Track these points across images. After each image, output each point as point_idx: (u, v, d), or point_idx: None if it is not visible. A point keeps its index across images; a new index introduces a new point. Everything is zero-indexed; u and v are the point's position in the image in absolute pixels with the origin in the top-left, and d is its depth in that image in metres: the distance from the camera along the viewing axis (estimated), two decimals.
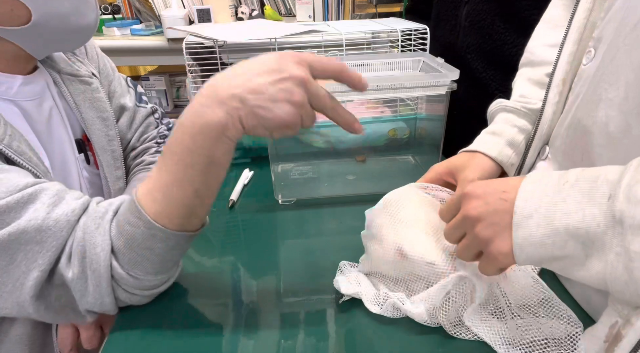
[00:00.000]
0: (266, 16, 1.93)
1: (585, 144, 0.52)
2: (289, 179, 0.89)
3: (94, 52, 0.79)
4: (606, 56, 0.50)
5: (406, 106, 0.99)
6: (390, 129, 0.95)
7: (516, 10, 0.87)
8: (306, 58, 0.47)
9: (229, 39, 0.91)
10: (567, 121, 0.56)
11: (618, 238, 0.37)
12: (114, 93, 0.80)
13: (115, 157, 0.76)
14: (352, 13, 2.00)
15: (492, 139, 0.67)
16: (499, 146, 0.66)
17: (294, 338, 0.52)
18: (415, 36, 0.97)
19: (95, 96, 0.73)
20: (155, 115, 0.86)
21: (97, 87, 0.74)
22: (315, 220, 0.78)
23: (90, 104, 0.73)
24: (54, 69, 0.70)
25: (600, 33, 0.54)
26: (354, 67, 0.86)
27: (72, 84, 0.71)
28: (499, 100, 0.71)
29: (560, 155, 0.58)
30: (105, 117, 0.74)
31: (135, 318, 0.56)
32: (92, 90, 0.73)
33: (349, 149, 0.94)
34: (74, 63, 0.73)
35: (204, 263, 0.67)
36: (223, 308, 0.58)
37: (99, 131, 0.73)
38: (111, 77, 0.81)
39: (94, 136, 0.72)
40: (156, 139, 0.84)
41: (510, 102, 0.69)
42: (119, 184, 0.77)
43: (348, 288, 0.56)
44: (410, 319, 0.53)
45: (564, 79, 0.60)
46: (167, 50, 1.75)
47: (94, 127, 0.72)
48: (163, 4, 1.88)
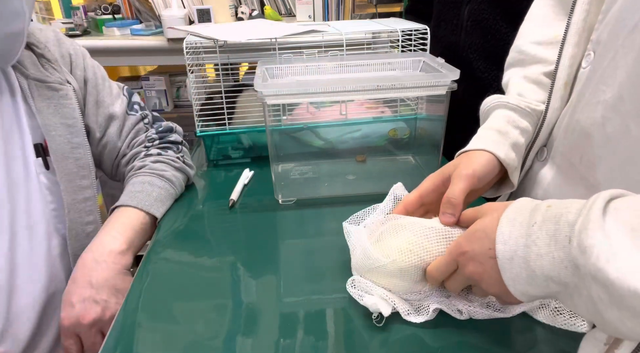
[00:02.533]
0: (266, 16, 1.93)
1: (583, 145, 0.52)
2: (289, 179, 0.89)
3: (80, 61, 0.79)
4: (603, 58, 0.50)
5: (406, 106, 0.99)
6: (390, 129, 0.95)
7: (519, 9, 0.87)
8: None
9: (229, 39, 0.91)
10: (565, 123, 0.56)
11: (581, 282, 0.37)
12: (102, 103, 0.80)
13: (80, 165, 0.74)
14: (352, 13, 2.00)
15: (498, 137, 0.62)
16: (505, 147, 0.61)
17: (294, 338, 0.52)
18: (416, 36, 0.97)
19: (62, 102, 0.73)
20: (144, 121, 0.85)
21: (67, 94, 0.74)
22: (315, 220, 0.78)
23: (55, 109, 0.72)
24: (22, 74, 0.71)
25: (599, 36, 0.54)
26: (354, 67, 0.86)
27: (38, 89, 0.71)
28: (497, 95, 0.66)
29: (559, 157, 0.58)
30: (70, 124, 0.74)
31: (134, 317, 0.56)
32: (60, 96, 0.73)
33: (349, 149, 0.94)
34: (47, 69, 0.73)
35: (204, 263, 0.67)
36: (223, 308, 0.58)
37: (60, 137, 0.72)
38: (100, 86, 0.80)
39: (53, 142, 0.71)
40: (144, 144, 0.84)
41: (512, 98, 0.64)
42: (85, 194, 0.75)
43: (386, 307, 0.53)
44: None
45: (566, 83, 0.59)
46: (167, 50, 1.74)
47: (54, 132, 0.72)
48: (163, 4, 1.87)
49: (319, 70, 0.85)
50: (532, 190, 0.63)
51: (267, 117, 0.77)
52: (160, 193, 0.78)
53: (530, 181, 0.63)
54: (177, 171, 0.83)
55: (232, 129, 0.94)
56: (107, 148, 0.82)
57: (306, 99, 0.83)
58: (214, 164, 0.99)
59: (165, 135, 0.86)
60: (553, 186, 0.59)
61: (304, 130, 0.94)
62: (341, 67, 0.86)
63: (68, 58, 0.77)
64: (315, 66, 0.85)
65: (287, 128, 0.94)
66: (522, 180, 0.66)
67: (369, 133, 0.94)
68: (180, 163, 0.85)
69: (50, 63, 0.74)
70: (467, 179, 0.57)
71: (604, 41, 0.52)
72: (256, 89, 0.71)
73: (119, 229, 0.71)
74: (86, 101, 0.78)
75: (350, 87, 0.73)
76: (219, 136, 0.95)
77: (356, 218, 0.66)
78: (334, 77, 0.85)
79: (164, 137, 0.86)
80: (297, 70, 0.85)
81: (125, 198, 0.76)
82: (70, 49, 0.78)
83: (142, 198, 0.76)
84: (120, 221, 0.73)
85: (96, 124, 0.79)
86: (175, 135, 0.88)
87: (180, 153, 0.87)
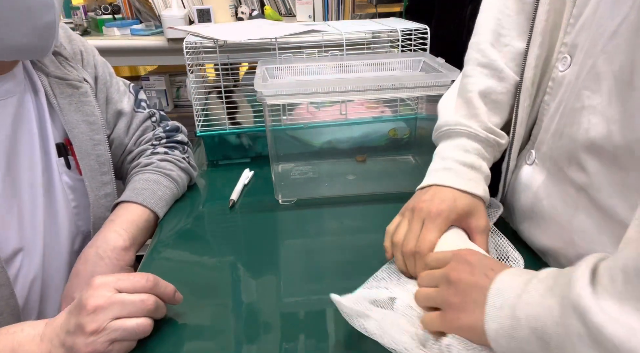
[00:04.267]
0: (266, 16, 1.93)
1: (570, 150, 0.53)
2: (289, 179, 0.89)
3: (91, 59, 0.79)
4: (585, 64, 0.51)
5: (406, 106, 0.99)
6: (391, 129, 0.95)
7: None
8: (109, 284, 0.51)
9: (229, 39, 0.91)
10: (553, 128, 0.56)
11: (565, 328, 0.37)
12: (111, 100, 0.80)
13: (102, 162, 0.75)
14: (352, 13, 2.00)
15: (475, 175, 0.62)
16: (483, 183, 0.62)
17: (294, 338, 0.52)
18: (416, 36, 0.97)
19: (83, 100, 0.73)
20: (152, 119, 0.85)
21: (86, 91, 0.74)
22: (315, 220, 0.78)
23: (76, 107, 0.72)
24: (42, 72, 0.70)
25: (575, 40, 0.54)
26: (354, 67, 0.86)
27: (59, 87, 0.71)
28: (459, 120, 0.64)
29: (548, 161, 0.58)
30: (92, 121, 0.74)
31: None
32: (80, 94, 0.73)
33: (349, 149, 0.94)
34: (65, 67, 0.73)
35: (204, 263, 0.67)
36: (223, 308, 0.58)
37: (82, 134, 0.72)
38: (108, 83, 0.80)
39: (77, 139, 0.72)
40: (151, 142, 0.84)
41: (480, 130, 0.62)
42: (106, 189, 0.76)
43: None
44: None
45: (533, 82, 0.60)
46: (167, 50, 1.74)
47: (77, 130, 0.72)
48: (163, 4, 1.88)
49: (319, 70, 0.85)
50: (522, 193, 0.63)
51: (267, 117, 0.77)
52: (166, 193, 0.78)
53: (520, 185, 0.64)
54: (182, 171, 0.83)
55: (232, 129, 0.94)
56: (114, 145, 0.81)
57: (306, 99, 0.83)
58: (214, 164, 0.99)
59: (172, 134, 0.86)
60: (543, 189, 0.59)
61: (303, 130, 0.94)
62: (341, 67, 0.86)
63: (80, 55, 0.77)
64: (315, 66, 0.85)
65: (287, 128, 0.94)
66: (512, 184, 0.66)
67: (369, 132, 0.94)
68: (185, 163, 0.85)
69: (67, 61, 0.74)
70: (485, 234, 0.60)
71: (582, 46, 0.52)
72: (256, 89, 0.71)
73: (123, 225, 0.71)
74: (97, 98, 0.78)
75: (350, 87, 0.73)
76: (219, 136, 0.95)
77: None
78: (334, 77, 0.85)
79: (171, 136, 0.86)
80: (297, 70, 0.85)
81: (131, 194, 0.75)
82: (80, 46, 0.78)
83: (148, 195, 0.75)
84: (124, 217, 0.72)
85: (105, 121, 0.79)
86: (182, 135, 0.88)
87: (186, 153, 0.87)
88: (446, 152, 0.64)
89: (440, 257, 0.53)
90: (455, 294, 0.46)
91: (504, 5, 0.64)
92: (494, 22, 0.64)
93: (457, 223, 0.59)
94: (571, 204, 0.54)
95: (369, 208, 0.64)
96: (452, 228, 0.58)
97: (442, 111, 0.68)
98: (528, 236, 0.64)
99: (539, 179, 0.60)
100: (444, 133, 0.66)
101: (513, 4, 0.63)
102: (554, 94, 0.58)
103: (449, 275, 0.48)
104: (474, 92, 0.64)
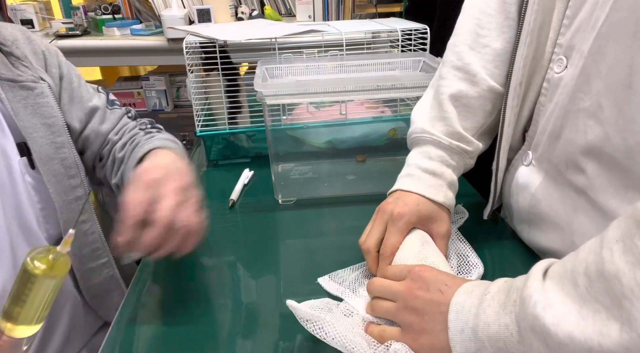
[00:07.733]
0: (266, 16, 1.93)
1: (569, 153, 0.53)
2: (289, 179, 0.89)
3: (54, 59, 0.76)
4: (577, 66, 0.51)
5: (406, 106, 0.99)
6: (391, 129, 0.95)
7: None
8: None
9: (229, 39, 0.91)
10: (549, 130, 0.56)
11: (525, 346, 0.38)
12: (82, 98, 0.77)
13: (67, 165, 0.71)
14: (352, 13, 2.00)
15: (435, 181, 0.62)
16: (444, 189, 0.62)
17: (294, 338, 0.52)
18: (416, 36, 0.97)
19: (39, 102, 0.70)
20: (129, 115, 0.82)
21: (42, 92, 0.70)
22: (315, 220, 0.78)
23: (32, 110, 0.69)
24: None
25: (570, 41, 0.54)
26: (354, 67, 0.86)
27: (11, 90, 0.68)
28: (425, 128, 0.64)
29: (545, 162, 0.58)
30: (51, 124, 0.70)
31: (135, 316, 0.56)
32: (36, 95, 0.69)
33: (348, 149, 0.94)
34: (17, 68, 0.70)
35: (204, 263, 0.67)
36: (223, 308, 0.58)
37: (42, 138, 0.69)
38: (75, 83, 0.78)
39: (36, 144, 0.68)
40: (138, 127, 0.80)
41: (444, 137, 0.63)
42: (76, 193, 0.72)
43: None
44: None
45: (520, 83, 0.59)
46: (167, 50, 1.75)
47: (35, 134, 0.68)
48: (163, 4, 1.88)
49: (319, 70, 0.85)
50: (520, 195, 0.63)
51: (267, 117, 0.77)
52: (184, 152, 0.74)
53: (517, 187, 0.63)
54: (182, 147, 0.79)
55: (232, 129, 0.94)
56: (91, 138, 0.78)
57: (306, 99, 0.83)
58: (214, 164, 0.99)
59: (152, 123, 0.83)
60: (541, 190, 0.59)
61: (303, 130, 0.94)
62: (341, 67, 0.86)
63: (42, 55, 0.74)
64: (315, 66, 0.85)
65: (287, 128, 0.94)
66: (509, 184, 0.66)
67: (369, 132, 0.94)
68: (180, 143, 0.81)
69: (20, 61, 0.71)
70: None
71: (579, 48, 0.52)
72: (256, 89, 0.71)
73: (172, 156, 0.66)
74: (61, 97, 0.75)
75: (350, 87, 0.73)
76: (219, 136, 0.95)
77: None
78: (334, 77, 0.85)
79: (152, 124, 0.83)
80: (297, 70, 0.85)
81: (160, 143, 0.71)
82: (42, 46, 0.75)
83: (175, 147, 0.73)
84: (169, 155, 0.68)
85: (76, 120, 0.76)
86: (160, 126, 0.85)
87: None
88: (411, 159, 0.65)
89: (396, 272, 0.53)
90: (412, 313, 0.47)
91: (485, 4, 0.63)
92: (473, 22, 0.64)
93: (419, 227, 0.60)
94: (570, 206, 0.54)
95: (369, 208, 0.63)
96: (415, 231, 0.59)
97: (413, 117, 0.68)
98: (527, 236, 0.64)
99: (537, 180, 0.60)
100: (412, 140, 0.67)
101: (494, 3, 0.62)
102: (550, 95, 0.57)
103: (405, 293, 0.48)
104: (445, 95, 0.64)
